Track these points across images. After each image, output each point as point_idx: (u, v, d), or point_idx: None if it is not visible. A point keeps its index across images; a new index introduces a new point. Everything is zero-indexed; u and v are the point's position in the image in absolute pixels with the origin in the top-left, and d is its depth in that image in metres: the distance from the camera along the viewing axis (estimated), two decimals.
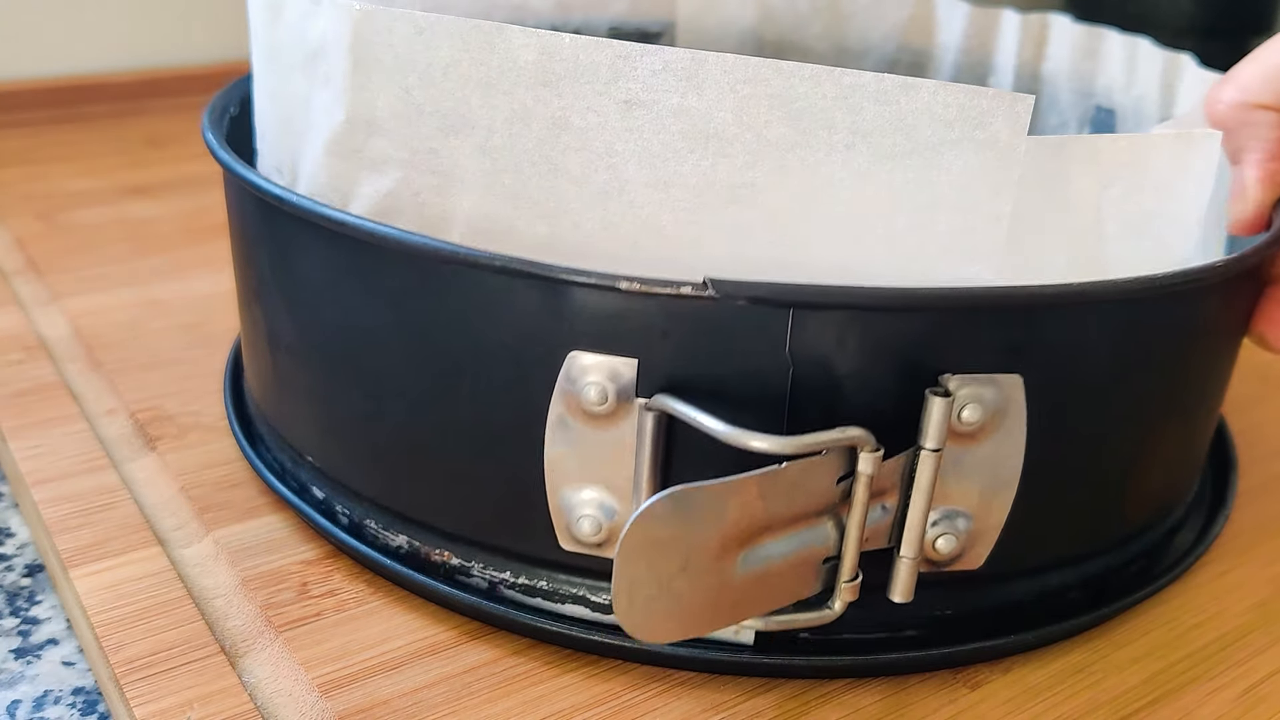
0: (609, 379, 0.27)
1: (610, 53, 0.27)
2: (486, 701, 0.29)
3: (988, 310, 0.27)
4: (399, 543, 0.33)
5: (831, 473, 0.27)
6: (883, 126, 0.26)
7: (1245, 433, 0.44)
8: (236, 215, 0.35)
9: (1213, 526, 0.37)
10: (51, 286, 0.50)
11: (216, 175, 0.36)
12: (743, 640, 0.30)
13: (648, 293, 0.26)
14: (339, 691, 0.29)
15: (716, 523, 0.26)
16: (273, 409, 0.36)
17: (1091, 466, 0.31)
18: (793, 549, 0.27)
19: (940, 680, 0.31)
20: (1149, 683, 0.31)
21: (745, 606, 0.27)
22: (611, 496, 0.29)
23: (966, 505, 0.29)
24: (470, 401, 0.29)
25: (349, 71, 0.30)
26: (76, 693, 0.31)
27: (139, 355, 0.45)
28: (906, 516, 0.28)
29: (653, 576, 0.26)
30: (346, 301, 0.31)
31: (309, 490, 0.35)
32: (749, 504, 0.26)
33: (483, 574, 0.31)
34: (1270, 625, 0.34)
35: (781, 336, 0.27)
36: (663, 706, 0.30)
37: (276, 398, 0.36)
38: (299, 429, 0.35)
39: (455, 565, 0.32)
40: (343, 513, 0.34)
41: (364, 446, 0.32)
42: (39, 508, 0.35)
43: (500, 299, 0.28)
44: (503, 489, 0.30)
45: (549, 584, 0.31)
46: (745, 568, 0.27)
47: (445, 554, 0.32)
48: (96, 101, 0.76)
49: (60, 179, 0.64)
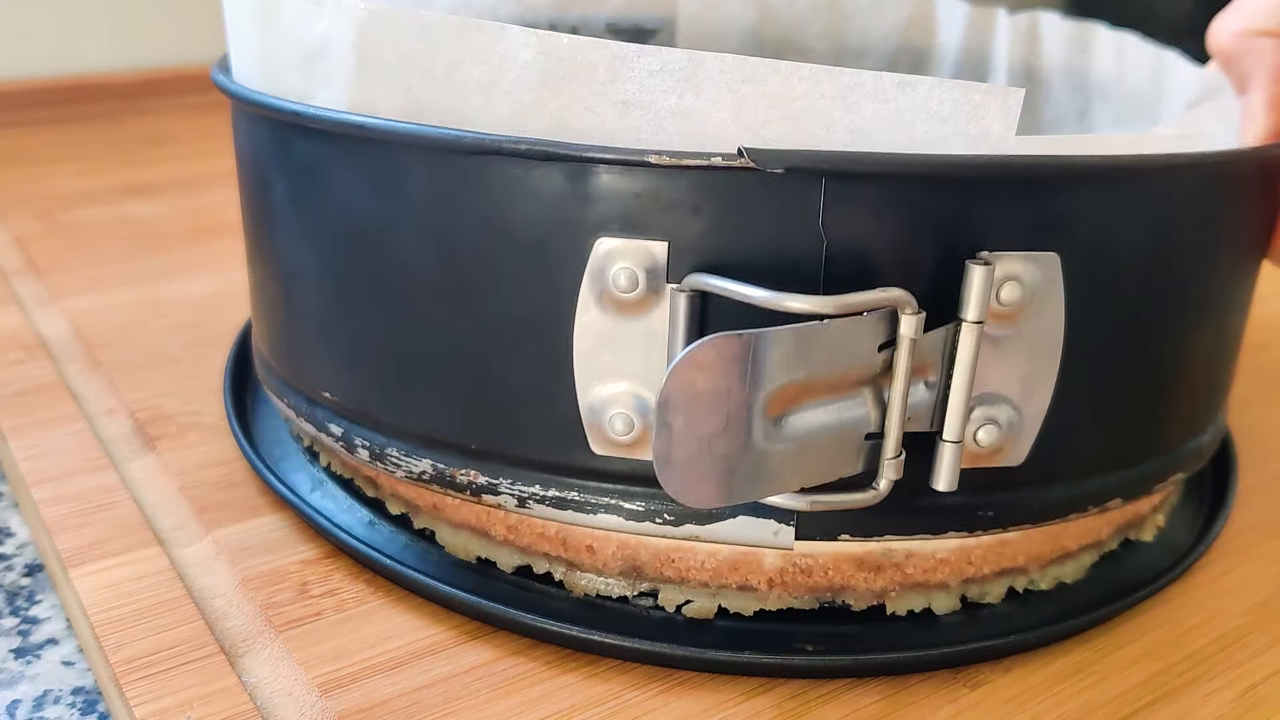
0: (638, 263, 0.27)
1: (608, 53, 0.27)
2: (486, 701, 0.29)
3: (1025, 180, 0.27)
4: (423, 468, 0.32)
5: (873, 336, 0.27)
6: (881, 124, 0.26)
7: (1245, 433, 0.44)
8: (249, 151, 0.35)
9: (1213, 526, 0.37)
10: (51, 286, 0.50)
11: (216, 175, 0.36)
12: (782, 543, 0.29)
13: (679, 166, 0.26)
14: (339, 691, 0.29)
15: (757, 375, 0.25)
16: (286, 353, 0.35)
17: (1129, 357, 0.31)
18: (834, 420, 0.27)
19: (940, 680, 0.31)
20: (1149, 683, 0.31)
21: (786, 477, 0.27)
22: (645, 390, 0.28)
23: (1007, 391, 0.29)
24: (495, 301, 0.29)
25: (353, 71, 0.30)
26: (76, 692, 0.31)
27: (139, 355, 0.45)
28: (949, 395, 0.28)
29: (693, 433, 0.25)
30: (367, 212, 0.30)
31: (327, 428, 0.34)
32: (789, 358, 0.26)
33: (511, 490, 0.31)
34: (1270, 626, 0.34)
35: (816, 208, 0.26)
36: (662, 706, 0.30)
37: (290, 339, 0.35)
38: (315, 366, 0.34)
39: (483, 484, 0.31)
40: (362, 445, 0.33)
41: (385, 368, 0.32)
42: (39, 507, 0.35)
43: (524, 186, 0.27)
44: (531, 393, 0.29)
45: (580, 494, 0.30)
46: (787, 434, 0.26)
47: (472, 474, 0.31)
48: (96, 101, 0.77)
49: (60, 179, 0.64)
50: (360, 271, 0.31)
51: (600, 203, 0.27)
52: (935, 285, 0.27)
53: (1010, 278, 0.27)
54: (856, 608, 0.32)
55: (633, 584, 0.32)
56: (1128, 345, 0.31)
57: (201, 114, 0.76)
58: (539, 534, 0.32)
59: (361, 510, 0.35)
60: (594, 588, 0.32)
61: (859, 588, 0.31)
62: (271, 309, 0.36)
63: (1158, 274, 0.30)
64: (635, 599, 0.32)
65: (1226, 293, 0.33)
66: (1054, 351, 0.29)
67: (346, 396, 0.33)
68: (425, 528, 0.34)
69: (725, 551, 0.31)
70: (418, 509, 0.34)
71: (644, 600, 0.32)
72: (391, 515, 0.35)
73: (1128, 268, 0.29)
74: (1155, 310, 0.31)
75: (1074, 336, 0.29)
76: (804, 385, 0.26)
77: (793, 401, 0.26)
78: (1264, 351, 0.51)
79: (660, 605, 0.32)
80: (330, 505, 0.36)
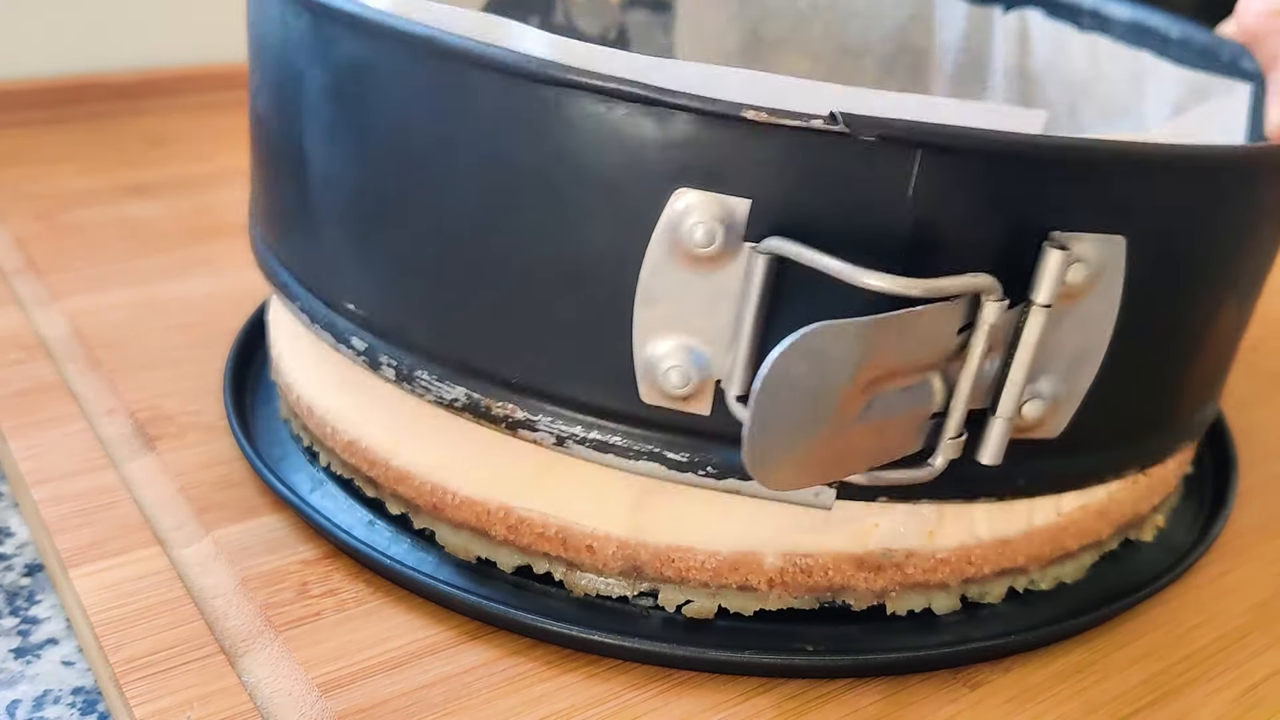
0: (718, 219, 0.26)
1: (622, 63, 0.27)
2: (486, 701, 0.29)
3: (1105, 163, 0.27)
4: (455, 395, 0.30)
5: (955, 321, 0.26)
6: None
7: (1245, 433, 0.44)
8: (276, 35, 0.33)
9: (1213, 526, 0.37)
10: (51, 286, 0.50)
11: (216, 175, 0.36)
12: (822, 503, 0.29)
13: (773, 124, 0.25)
14: (339, 691, 0.29)
15: (850, 365, 0.25)
16: (304, 254, 0.34)
17: (1168, 335, 0.31)
18: (906, 402, 0.27)
19: (940, 680, 0.31)
20: (1149, 683, 0.31)
21: (858, 459, 0.27)
22: (705, 347, 0.28)
23: (1057, 368, 0.29)
24: (558, 237, 0.28)
25: None
26: (76, 692, 0.31)
27: (139, 355, 0.45)
28: (1008, 374, 0.28)
29: (784, 420, 0.25)
30: (425, 127, 0.29)
31: (348, 341, 0.32)
32: (880, 347, 0.25)
33: (550, 427, 0.30)
34: (1270, 626, 0.34)
35: (906, 178, 0.26)
36: (662, 706, 0.30)
37: (310, 241, 0.33)
38: (339, 275, 0.32)
39: (520, 419, 0.30)
40: (389, 364, 0.31)
41: (426, 288, 0.30)
42: (38, 507, 0.35)
43: (606, 125, 0.26)
44: (584, 335, 0.29)
45: (623, 440, 0.29)
46: (865, 419, 0.26)
47: (509, 407, 0.30)
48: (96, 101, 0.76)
49: (60, 179, 0.64)
50: (408, 185, 0.30)
51: (685, 152, 0.26)
52: (1007, 265, 0.27)
53: (1078, 259, 0.27)
54: (857, 608, 0.32)
55: (633, 584, 0.32)
56: (1169, 324, 0.31)
57: (202, 114, 0.76)
58: (539, 534, 0.32)
59: (361, 510, 0.35)
60: (594, 588, 0.32)
61: (859, 588, 0.31)
62: (286, 203, 0.34)
63: (1203, 257, 0.30)
64: (635, 599, 0.32)
65: (1258, 274, 0.33)
66: (1106, 331, 0.29)
67: (375, 311, 0.31)
68: (425, 528, 0.34)
69: (725, 551, 0.31)
70: (418, 509, 0.34)
71: (644, 600, 0.32)
72: (391, 515, 0.35)
73: (1180, 251, 0.29)
74: (1197, 291, 0.31)
75: (1125, 316, 0.29)
76: (889, 370, 0.26)
77: (876, 386, 0.26)
78: (1264, 351, 0.51)
79: (660, 605, 0.32)
80: (330, 505, 0.36)
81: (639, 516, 0.31)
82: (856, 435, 0.26)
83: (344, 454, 0.36)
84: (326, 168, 0.32)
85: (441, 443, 0.33)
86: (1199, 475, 0.40)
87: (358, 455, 0.35)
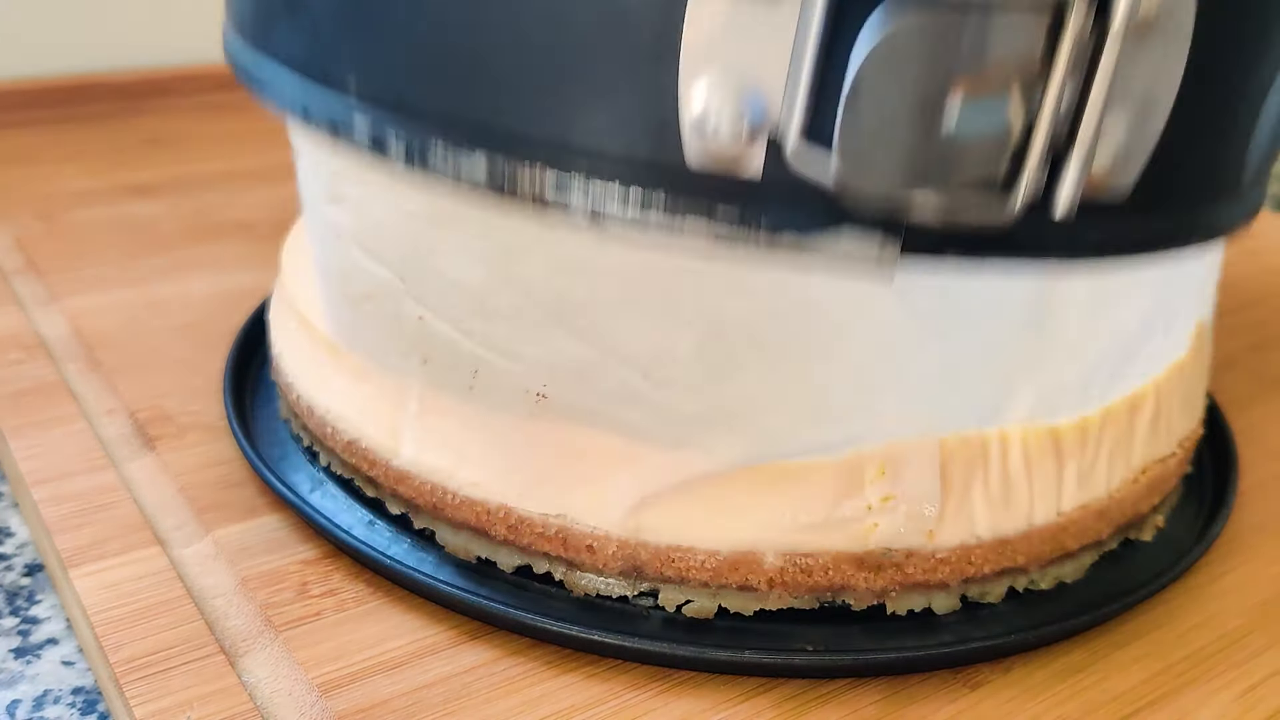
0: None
1: None
2: (486, 701, 0.29)
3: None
4: (474, 167, 0.27)
5: (1039, 33, 0.25)
6: None
7: (1245, 433, 0.44)
8: None
9: (1213, 527, 0.37)
10: (51, 286, 0.50)
11: (216, 175, 0.36)
12: (887, 258, 0.27)
13: None
14: (338, 691, 0.29)
15: (935, 67, 0.24)
16: (295, 34, 0.30)
17: (1233, 93, 0.30)
18: (988, 122, 0.26)
19: (940, 680, 0.31)
20: (1149, 683, 0.31)
21: (937, 172, 0.26)
22: (760, 91, 0.25)
23: (1128, 109, 0.27)
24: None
25: None
26: (76, 692, 0.31)
27: (139, 355, 0.45)
28: (1086, 102, 0.26)
29: (877, 116, 0.24)
30: None
31: (350, 127, 0.29)
32: (964, 51, 0.24)
33: (583, 199, 0.26)
34: (1270, 626, 0.34)
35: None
36: (662, 706, 0.30)
37: (303, 14, 0.30)
38: (337, 45, 0.29)
39: (550, 189, 0.27)
40: (398, 140, 0.28)
41: (434, 34, 0.27)
42: (38, 507, 0.35)
43: None
44: (622, 80, 0.26)
45: (668, 202, 0.26)
46: (943, 127, 0.25)
47: (537, 175, 0.27)
48: (96, 101, 0.76)
49: (60, 179, 0.64)
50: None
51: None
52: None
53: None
54: (857, 608, 0.32)
55: (633, 584, 0.32)
56: (1235, 77, 0.29)
57: (202, 114, 0.76)
58: (539, 534, 0.32)
59: (361, 510, 0.35)
60: (594, 587, 0.32)
61: (859, 587, 0.31)
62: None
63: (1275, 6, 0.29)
64: (635, 599, 0.32)
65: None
66: (1176, 72, 0.27)
67: (379, 80, 0.28)
68: (425, 528, 0.34)
69: (725, 551, 0.31)
70: (418, 509, 0.34)
71: (644, 600, 0.32)
72: (391, 515, 0.35)
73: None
74: (1266, 45, 0.29)
75: (1193, 58, 0.27)
76: (972, 79, 0.25)
77: (959, 95, 0.25)
78: (1264, 351, 0.51)
79: (660, 605, 0.32)
80: (330, 505, 0.36)
81: (639, 516, 0.31)
82: (941, 145, 0.25)
83: (344, 454, 0.36)
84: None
85: (442, 442, 0.33)
86: (1199, 475, 0.40)
87: (358, 455, 0.35)
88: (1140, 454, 0.35)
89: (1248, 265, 0.60)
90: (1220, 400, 0.45)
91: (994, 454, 0.31)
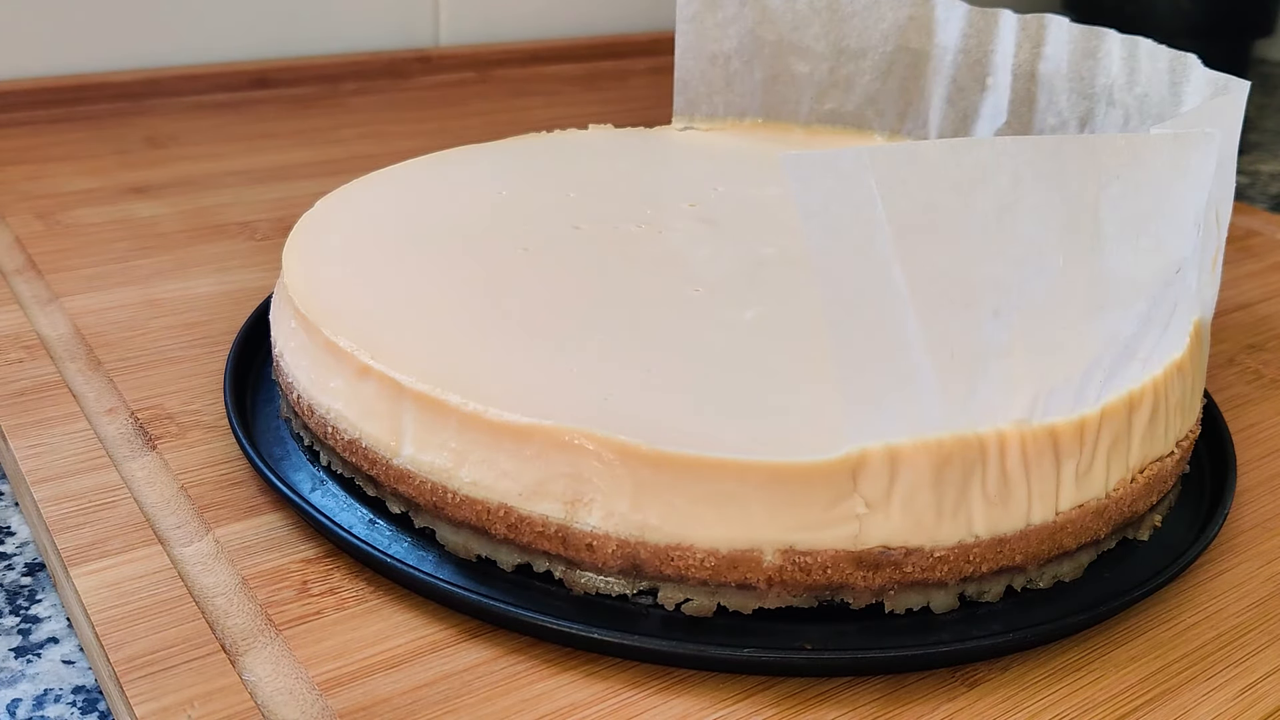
0: None
1: None
2: (486, 699, 0.29)
3: None
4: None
5: None
6: None
7: (1244, 433, 0.44)
8: None
9: (1211, 526, 0.37)
10: (51, 286, 0.50)
11: (216, 175, 0.36)
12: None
13: None
14: (339, 690, 0.29)
15: None
16: None
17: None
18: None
19: (938, 678, 0.31)
20: (1147, 681, 0.31)
21: None
22: None
23: None
24: None
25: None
26: (77, 691, 0.31)
27: (139, 355, 0.45)
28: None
29: None
30: None
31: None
32: None
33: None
34: (1269, 624, 0.34)
35: None
36: (661, 704, 0.30)
37: None
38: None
39: None
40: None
41: None
42: (39, 506, 0.35)
43: None
44: None
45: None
46: None
47: None
48: (96, 101, 0.77)
49: (60, 179, 0.64)
50: None
51: None
52: None
53: None
54: (855, 606, 0.32)
55: (632, 582, 0.32)
56: None
57: (202, 114, 0.76)
58: (539, 533, 0.32)
59: (362, 509, 0.35)
60: (593, 586, 0.32)
61: (857, 586, 0.32)
62: None
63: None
64: (635, 597, 0.32)
65: None
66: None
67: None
68: (425, 526, 0.34)
69: (724, 550, 0.31)
70: (418, 508, 0.34)
71: (643, 598, 0.32)
72: (392, 514, 0.35)
73: None
74: None
75: None
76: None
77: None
78: (1262, 351, 0.51)
79: (660, 603, 0.32)
80: (331, 504, 0.36)
81: (638, 515, 0.31)
82: None
83: (344, 453, 0.36)
84: None
85: (441, 442, 0.33)
86: (1197, 475, 0.40)
87: (358, 455, 0.35)
88: (1138, 453, 0.35)
89: (1247, 265, 0.60)
90: (1218, 399, 0.45)
91: (992, 453, 0.31)
